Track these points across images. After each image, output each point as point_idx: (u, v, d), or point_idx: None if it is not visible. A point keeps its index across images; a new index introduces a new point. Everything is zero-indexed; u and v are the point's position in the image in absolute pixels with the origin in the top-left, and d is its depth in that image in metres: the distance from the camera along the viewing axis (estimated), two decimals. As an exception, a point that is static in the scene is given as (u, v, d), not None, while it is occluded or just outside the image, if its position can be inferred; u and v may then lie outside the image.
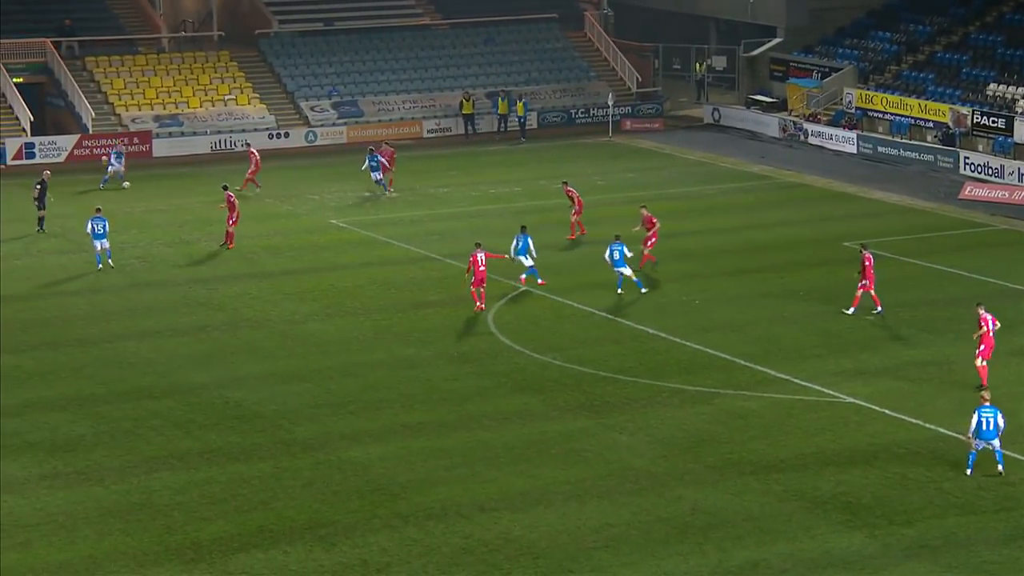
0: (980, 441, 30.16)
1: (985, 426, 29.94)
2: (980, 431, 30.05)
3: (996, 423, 30.01)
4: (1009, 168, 58.57)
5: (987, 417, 29.98)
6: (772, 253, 48.44)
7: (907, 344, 39.25)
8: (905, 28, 71.48)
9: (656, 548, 27.67)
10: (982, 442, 30.14)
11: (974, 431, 30.16)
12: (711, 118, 72.95)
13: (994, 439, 30.05)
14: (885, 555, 27.22)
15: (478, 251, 42.36)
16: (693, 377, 36.82)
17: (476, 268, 42.07)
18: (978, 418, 30.06)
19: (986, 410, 30.08)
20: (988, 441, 30.10)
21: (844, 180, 59.88)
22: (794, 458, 31.64)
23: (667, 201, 56.60)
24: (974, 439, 30.23)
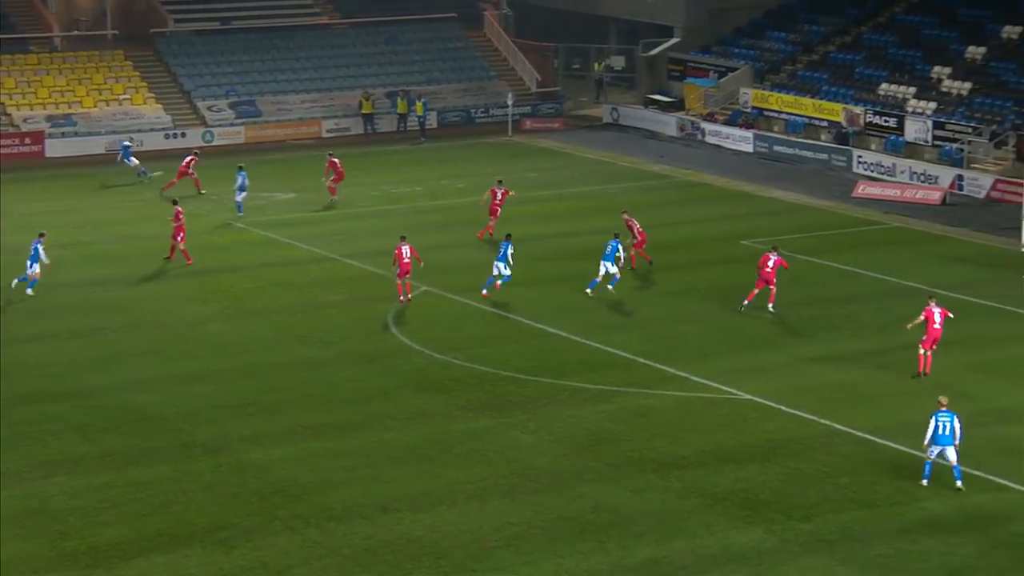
0: (936, 447, 29.76)
1: (941, 430, 29.60)
2: (936, 436, 29.68)
3: (952, 427, 29.48)
4: (901, 167, 59.46)
5: (943, 422, 29.65)
6: (672, 252, 48.65)
7: (804, 341, 39.65)
8: (800, 28, 72.34)
9: (557, 546, 27.75)
10: (937, 447, 29.75)
11: (930, 437, 29.78)
12: (610, 117, 73.30)
13: (950, 444, 29.52)
14: (782, 550, 27.46)
15: (403, 244, 42.64)
16: (594, 376, 36.96)
17: (400, 260, 42.56)
18: (934, 423, 29.73)
19: (943, 415, 29.75)
20: (944, 446, 29.69)
21: (742, 179, 60.43)
22: (694, 455, 31.86)
23: (568, 200, 56.98)
24: (930, 446, 29.82)
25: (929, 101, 62.53)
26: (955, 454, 29.70)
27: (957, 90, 62.39)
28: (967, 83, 62.33)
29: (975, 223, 52.47)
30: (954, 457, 29.72)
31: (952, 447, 29.63)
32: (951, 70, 63.52)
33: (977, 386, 35.90)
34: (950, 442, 29.59)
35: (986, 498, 29.43)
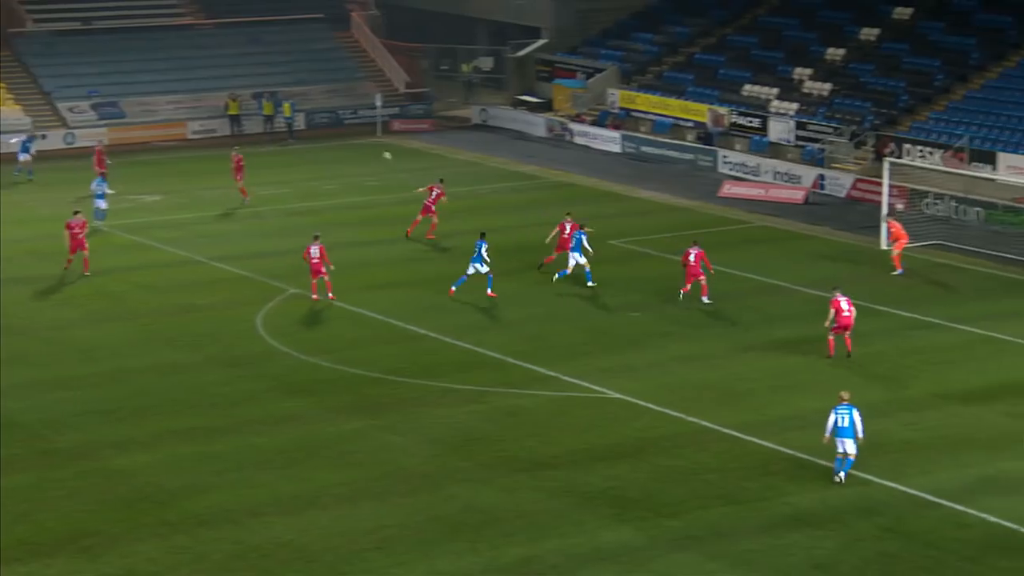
0: (838, 440, 30.00)
1: (840, 423, 29.94)
2: (837, 429, 29.96)
3: (851, 420, 29.70)
4: (765, 167, 60.30)
5: (842, 414, 29.75)
6: (542, 252, 48.74)
7: (673, 339, 39.97)
8: (666, 30, 73.06)
9: (429, 547, 27.69)
10: (838, 439, 29.99)
11: (830, 430, 30.06)
12: (479, 118, 73.40)
13: (850, 437, 29.72)
14: (652, 547, 27.63)
15: (313, 244, 42.58)
16: (466, 376, 36.93)
17: (309, 260, 42.46)
18: (834, 417, 29.86)
19: (842, 408, 29.87)
20: (844, 439, 29.81)
21: (610, 179, 60.80)
22: (565, 454, 31.95)
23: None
24: (830, 437, 30.04)
25: (791, 102, 63.50)
26: (854, 447, 30.02)
27: (818, 91, 63.45)
28: (828, 84, 63.42)
29: (836, 222, 53.36)
30: (853, 450, 30.02)
31: (852, 440, 29.95)
32: (812, 71, 64.58)
33: (838, 382, 35.93)
34: (850, 435, 29.89)
35: (850, 492, 29.80)
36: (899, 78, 61.76)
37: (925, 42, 63.15)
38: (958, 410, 34.37)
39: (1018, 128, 55.52)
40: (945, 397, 35.14)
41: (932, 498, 29.44)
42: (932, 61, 61.68)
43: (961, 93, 59.43)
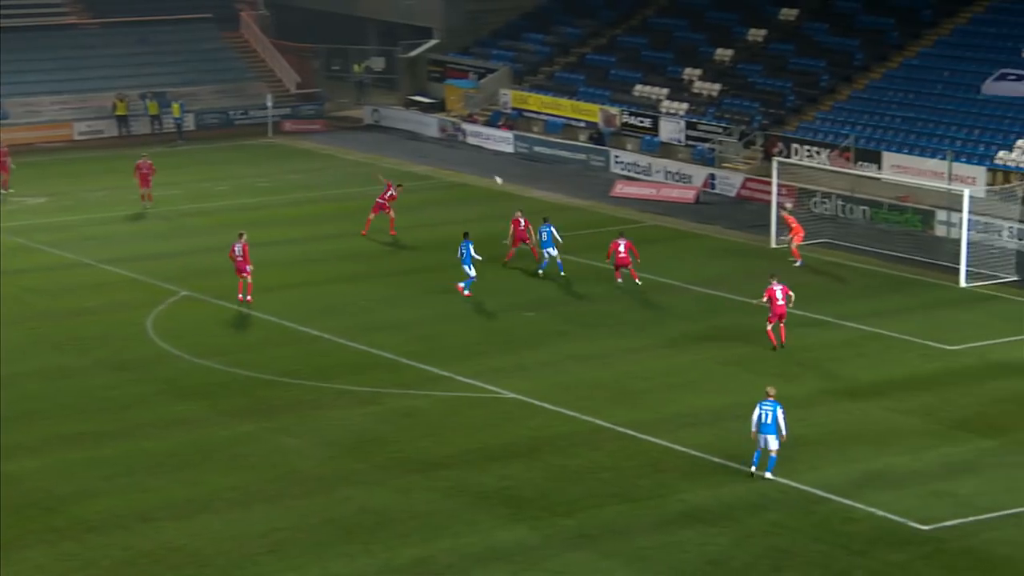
0: (760, 435, 30.18)
1: (764, 419, 29.94)
2: (760, 425, 29.98)
3: (775, 417, 29.86)
4: (656, 166, 60.70)
5: (766, 410, 29.95)
6: (436, 252, 48.74)
7: (566, 339, 40.06)
8: (557, 30, 73.30)
9: (323, 550, 27.53)
10: (761, 436, 29.99)
11: (756, 425, 30.09)
12: (371, 119, 73.12)
13: (772, 433, 29.89)
14: (547, 546, 27.68)
15: (238, 241, 42.30)
16: (360, 377, 36.78)
17: (234, 259, 42.19)
18: (758, 411, 30.04)
19: (766, 404, 30.05)
20: (766, 435, 29.95)
21: (504, 179, 60.77)
22: (459, 454, 31.94)
23: (331, 202, 56.62)
24: (756, 433, 30.21)
25: (681, 102, 64.00)
26: (776, 443, 30.24)
27: (707, 91, 64.01)
28: (717, 84, 64.01)
29: (727, 220, 53.83)
30: (775, 446, 30.26)
31: (774, 436, 30.18)
32: (701, 72, 65.14)
33: (730, 379, 36.75)
34: (772, 431, 30.10)
35: (741, 488, 30.07)
36: (786, 79, 62.50)
37: (811, 43, 63.98)
38: (846, 406, 34.79)
39: (902, 128, 56.44)
40: (833, 393, 35.57)
41: (821, 493, 29.73)
42: (818, 62, 62.51)
43: (846, 93, 60.28)
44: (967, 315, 42.04)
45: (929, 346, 39.08)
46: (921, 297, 43.91)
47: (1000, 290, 44.48)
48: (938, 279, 45.61)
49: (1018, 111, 54.24)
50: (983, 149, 53.36)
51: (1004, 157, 52.49)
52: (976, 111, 55.39)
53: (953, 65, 58.24)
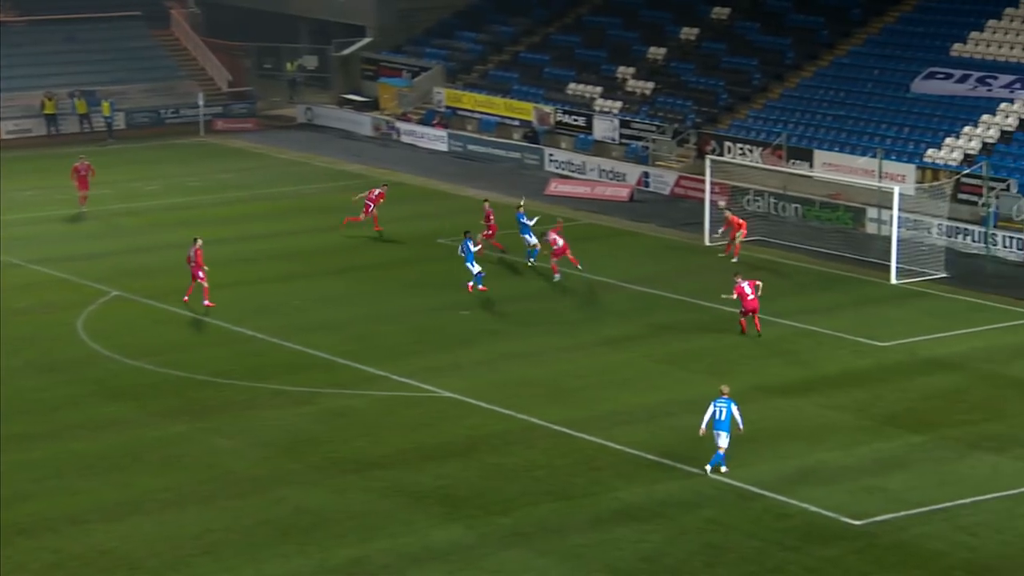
0: (714, 432, 30.18)
1: (718, 415, 30.13)
2: (714, 422, 30.17)
3: (729, 413, 30.08)
4: (590, 164, 60.79)
5: (720, 407, 30.16)
6: (370, 251, 48.67)
7: (501, 337, 40.05)
8: (490, 28, 73.26)
9: (258, 551, 27.37)
10: (714, 431, 30.19)
11: (707, 422, 30.29)
12: (304, 117, 72.77)
13: (725, 430, 30.08)
14: (483, 545, 27.66)
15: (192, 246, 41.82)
16: (294, 377, 36.61)
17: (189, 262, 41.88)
18: (712, 409, 30.24)
19: (720, 402, 30.24)
20: (717, 431, 30.12)
21: (437, 178, 60.67)
22: (395, 454, 31.85)
23: (264, 201, 56.29)
24: (706, 429, 30.36)
25: (615, 100, 64.15)
26: (726, 441, 30.38)
27: (641, 90, 64.19)
28: (650, 83, 64.20)
29: (661, 219, 53.95)
30: (724, 443, 30.30)
31: (726, 433, 30.34)
32: (635, 70, 65.32)
33: (664, 377, 36.87)
34: (726, 428, 30.27)
35: (676, 486, 30.16)
36: (719, 77, 62.79)
37: (742, 42, 64.31)
38: (778, 403, 34.96)
39: (833, 126, 56.83)
40: (766, 390, 35.71)
41: (755, 489, 29.89)
42: (750, 60, 62.84)
43: (778, 92, 60.64)
44: (898, 312, 42.34)
45: (860, 343, 39.33)
46: (852, 294, 44.18)
47: (930, 287, 44.85)
48: (869, 276, 45.89)
49: (946, 109, 54.76)
50: (913, 147, 53.82)
51: (933, 155, 52.99)
52: (906, 109, 55.87)
53: (883, 64, 58.73)
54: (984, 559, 26.86)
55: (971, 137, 52.99)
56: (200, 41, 75.79)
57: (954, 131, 53.59)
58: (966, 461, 31.30)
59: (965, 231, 48.92)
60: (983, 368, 37.31)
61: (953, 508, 28.90)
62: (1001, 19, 57.28)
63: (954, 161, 52.35)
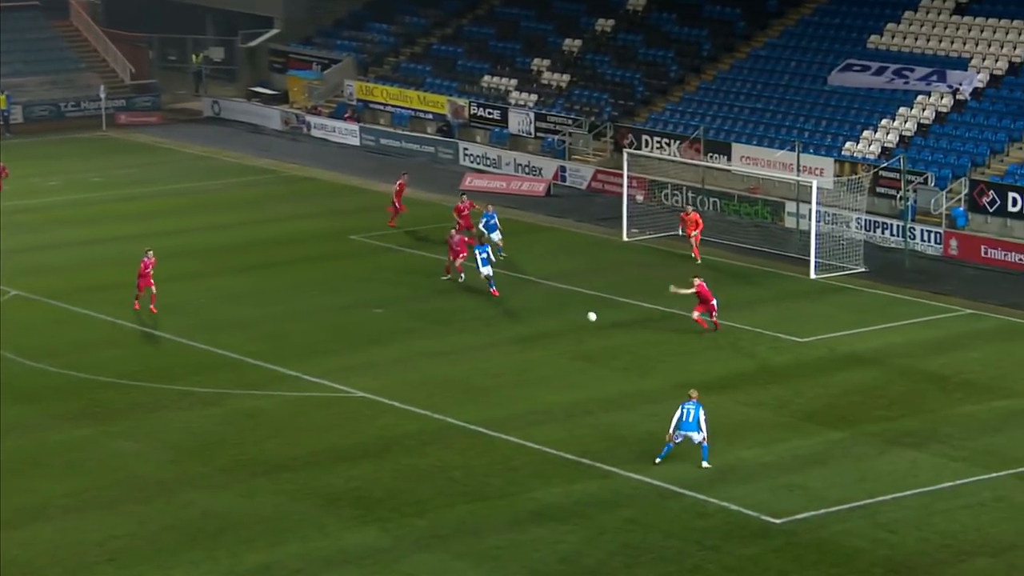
0: (680, 433, 30.47)
1: (685, 417, 30.38)
2: (682, 424, 30.38)
3: (696, 416, 30.34)
4: (506, 158, 60.36)
5: (688, 409, 30.41)
6: (280, 248, 48.24)
7: (415, 336, 39.71)
8: (401, 20, 72.61)
9: (164, 557, 26.93)
10: (682, 434, 30.47)
11: (675, 424, 30.46)
12: (211, 111, 71.94)
13: (694, 430, 30.35)
14: (397, 548, 27.39)
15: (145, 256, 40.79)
16: (202, 378, 36.20)
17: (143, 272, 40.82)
18: (681, 411, 30.46)
19: (688, 404, 30.52)
20: (687, 432, 30.40)
21: (349, 173, 60.25)
22: (306, 456, 31.50)
23: (169, 197, 55.64)
24: (675, 432, 30.52)
25: (530, 93, 63.71)
26: (700, 436, 30.50)
27: (556, 82, 63.80)
28: (566, 75, 63.82)
29: (578, 214, 53.74)
30: (700, 438, 30.52)
31: (697, 432, 30.47)
32: (550, 62, 64.90)
33: (582, 375, 36.67)
34: (695, 428, 30.45)
35: (594, 485, 30.01)
36: (635, 69, 62.52)
37: (659, 33, 64.08)
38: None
39: (750, 119, 56.71)
40: (686, 387, 35.03)
41: (674, 488, 29.75)
42: (666, 52, 62.62)
43: (695, 84, 60.47)
44: (817, 307, 42.41)
45: (780, 338, 39.32)
46: (772, 289, 44.22)
47: (849, 281, 44.96)
48: (788, 271, 45.98)
49: (863, 102, 54.83)
50: (830, 140, 53.84)
51: (851, 148, 53.01)
52: (823, 102, 55.89)
53: (800, 56, 58.71)
54: (903, 556, 26.90)
55: (888, 130, 53.09)
56: (101, 32, 74.60)
57: (871, 124, 53.69)
58: (885, 457, 31.35)
59: (884, 225, 49.02)
60: (902, 363, 37.41)
61: (873, 505, 28.93)
62: (917, 11, 57.46)
63: (872, 154, 52.41)
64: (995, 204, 48.36)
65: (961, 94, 52.69)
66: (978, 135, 51.49)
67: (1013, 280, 45.13)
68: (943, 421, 33.32)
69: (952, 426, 32.99)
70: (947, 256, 47.55)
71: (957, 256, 47.37)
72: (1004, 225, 48.21)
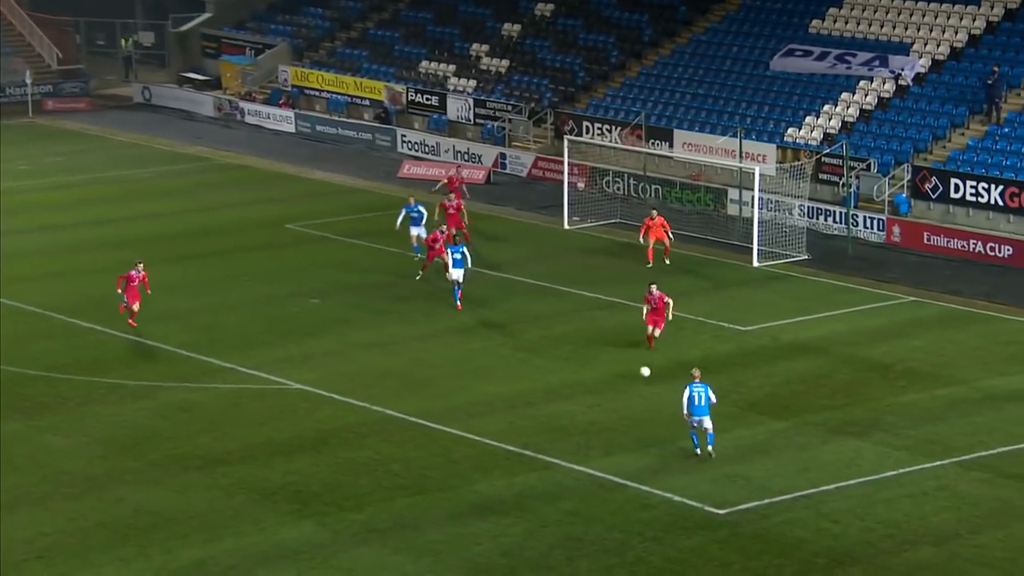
0: (694, 418, 30.15)
1: (697, 401, 30.03)
2: (692, 407, 30.11)
3: (706, 397, 30.05)
4: (445, 145, 59.87)
5: (698, 392, 30.06)
6: (214, 238, 47.84)
7: (353, 326, 39.32)
8: (336, 4, 71.94)
9: (94, 555, 26.50)
10: (696, 419, 30.15)
11: (687, 408, 30.17)
12: (142, 97, 71.21)
13: (706, 414, 30.04)
14: (335, 542, 27.08)
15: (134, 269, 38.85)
16: (134, 371, 35.79)
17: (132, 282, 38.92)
18: (689, 393, 30.12)
19: (696, 386, 30.13)
20: (700, 417, 30.06)
21: (284, 160, 59.76)
22: (242, 450, 31.15)
23: (99, 186, 54.96)
24: (689, 416, 30.19)
25: (469, 79, 63.20)
26: (710, 422, 30.15)
27: (496, 68, 63.31)
28: (505, 61, 63.33)
29: (518, 202, 53.43)
30: (709, 425, 30.18)
31: (708, 416, 30.10)
32: (488, 48, 64.40)
33: (523, 365, 36.40)
34: (706, 412, 30.13)
35: (535, 477, 29.77)
36: (575, 55, 62.11)
37: (599, 17, 63.70)
38: (641, 390, 34.54)
39: (692, 105, 56.43)
40: (627, 377, 35.33)
41: (617, 480, 29.58)
42: (607, 37, 62.24)
43: (636, 70, 60.15)
44: (760, 295, 42.31)
45: (722, 327, 39.17)
46: (714, 277, 44.08)
47: (791, 269, 44.93)
48: (731, 259, 45.90)
49: (806, 87, 54.68)
50: (773, 126, 53.66)
51: (793, 134, 52.84)
52: (765, 88, 55.71)
53: (741, 41, 58.47)
54: (846, 546, 26.84)
55: (831, 116, 52.99)
56: (26, 15, 73.57)
57: (814, 110, 53.56)
58: (828, 446, 31.27)
59: (826, 212, 48.90)
60: (845, 352, 37.35)
61: (816, 495, 28.87)
62: (859, -6, 57.41)
63: (814, 140, 52.29)
64: (937, 190, 48.31)
65: (903, 79, 52.63)
66: (920, 121, 51.46)
67: (955, 267, 45.18)
68: (886, 410, 33.28)
69: (895, 415, 32.98)
70: (890, 243, 47.49)
71: (900, 243, 47.31)
72: (947, 212, 48.20)
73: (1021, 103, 50.51)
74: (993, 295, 42.15)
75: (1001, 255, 45.58)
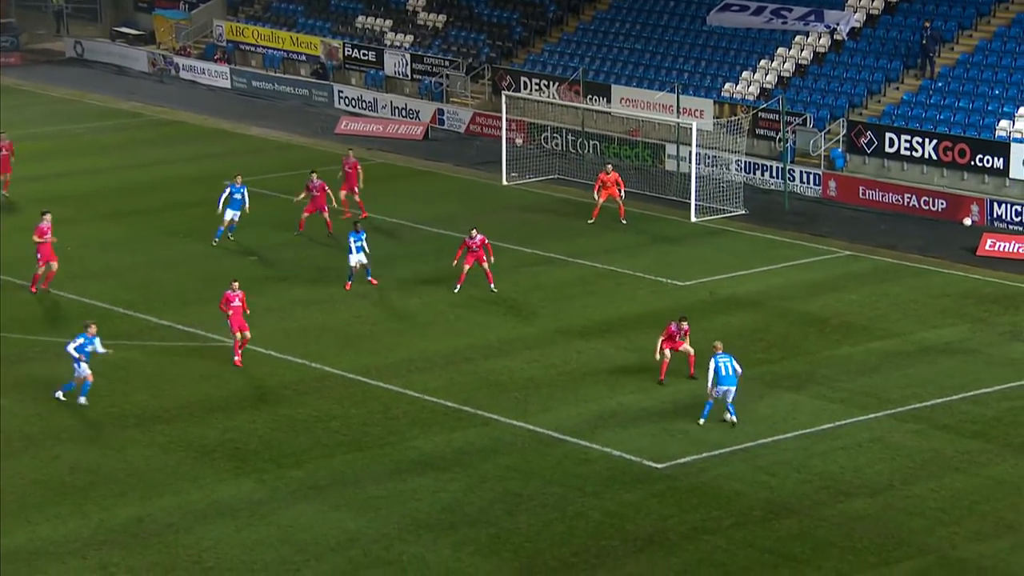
0: (720, 388, 29.86)
1: (724, 371, 29.77)
2: (720, 377, 29.76)
3: (733, 368, 29.80)
4: (382, 101, 59.53)
5: (724, 362, 29.81)
6: (149, 194, 47.38)
7: (291, 283, 39.10)
8: (273, -41, 71.25)
9: (31, 513, 26.34)
10: (722, 388, 29.87)
11: (712, 379, 29.83)
12: (74, 52, 70.36)
13: (733, 384, 29.78)
14: (274, 499, 27.00)
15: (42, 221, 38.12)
16: (68, 329, 34.57)
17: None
18: (715, 365, 29.77)
19: (721, 356, 29.87)
20: (728, 387, 29.82)
21: (220, 116, 59.27)
22: (179, 407, 30.99)
23: (32, 142, 53.99)
24: (713, 387, 29.89)
25: (406, 34, 62.80)
26: (734, 394, 29.96)
27: (433, 23, 62.93)
28: (442, 16, 62.95)
29: (456, 157, 53.19)
30: (732, 397, 30.01)
31: (735, 386, 29.88)
32: (425, 2, 63.99)
33: (461, 321, 36.33)
34: (734, 382, 29.91)
35: (474, 433, 29.79)
36: (512, 9, 61.80)
37: (536, -27, 63.41)
38: (579, 345, 34.63)
39: (629, 60, 56.34)
40: (566, 333, 35.44)
41: (555, 435, 29.62)
42: (544, -9, 62.00)
43: (573, 25, 59.94)
44: (697, 250, 42.44)
45: (660, 282, 39.25)
46: (652, 233, 44.14)
47: (729, 224, 45.06)
48: (669, 214, 45.95)
49: (742, 42, 54.72)
50: (710, 81, 53.68)
51: (730, 89, 52.89)
52: (702, 43, 55.69)
53: (678, -6, 58.38)
54: (783, 498, 27.05)
55: (767, 71, 53.06)
56: (-43, -31, 72.31)
57: (750, 65, 53.63)
58: (765, 400, 31.44)
59: (763, 167, 49.03)
60: (781, 306, 37.55)
61: (753, 448, 29.07)
62: (794, -51, 57.35)
63: (751, 96, 52.37)
64: (873, 145, 48.57)
65: (838, 34, 52.77)
66: (855, 75, 51.65)
67: (890, 221, 45.47)
68: (822, 363, 33.53)
69: (831, 368, 33.23)
70: (826, 197, 47.75)
71: (836, 198, 47.58)
72: (882, 166, 48.48)
73: (954, 57, 50.80)
74: (927, 249, 42.50)
75: (935, 209, 45.96)
